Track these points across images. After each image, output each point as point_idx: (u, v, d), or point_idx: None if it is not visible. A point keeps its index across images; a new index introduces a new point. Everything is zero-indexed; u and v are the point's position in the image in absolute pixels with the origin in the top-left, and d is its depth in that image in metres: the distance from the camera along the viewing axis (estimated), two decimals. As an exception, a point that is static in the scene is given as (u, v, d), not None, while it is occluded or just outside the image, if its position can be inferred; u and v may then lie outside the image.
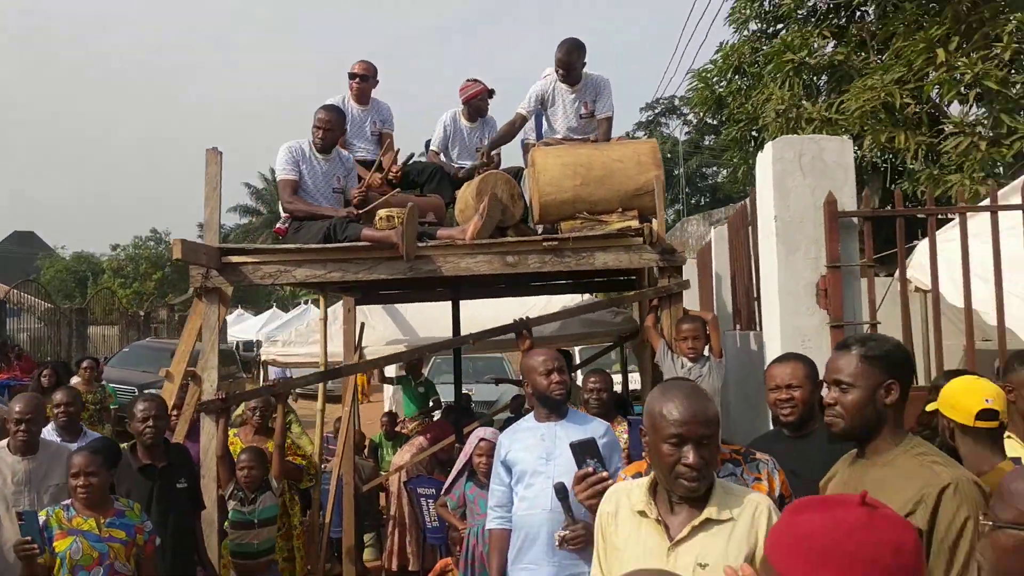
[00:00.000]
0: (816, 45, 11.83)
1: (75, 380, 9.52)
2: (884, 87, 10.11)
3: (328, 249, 5.14)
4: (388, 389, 14.47)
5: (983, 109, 8.62)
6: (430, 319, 8.58)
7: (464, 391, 13.02)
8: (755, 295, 5.67)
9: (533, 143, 6.97)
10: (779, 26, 13.81)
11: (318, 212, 5.45)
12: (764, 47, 13.86)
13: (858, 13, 12.27)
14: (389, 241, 4.97)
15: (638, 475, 3.12)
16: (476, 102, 6.78)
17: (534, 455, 3.86)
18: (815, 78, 11.99)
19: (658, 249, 5.05)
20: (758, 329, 5.44)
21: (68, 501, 4.01)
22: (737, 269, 6.49)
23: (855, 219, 4.67)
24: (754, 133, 13.22)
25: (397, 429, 11.60)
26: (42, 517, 3.85)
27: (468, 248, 5.12)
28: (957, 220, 4.92)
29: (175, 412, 5.66)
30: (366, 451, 10.24)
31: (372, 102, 6.75)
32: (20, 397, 4.74)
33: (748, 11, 13.83)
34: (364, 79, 6.66)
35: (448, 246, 5.14)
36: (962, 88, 8.43)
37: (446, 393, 13.81)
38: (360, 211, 5.40)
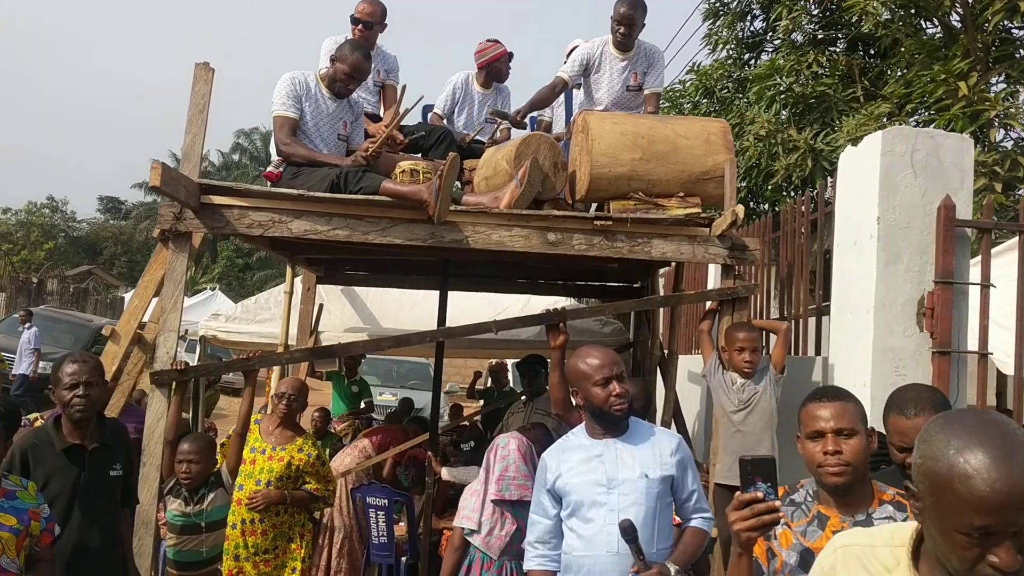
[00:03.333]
0: (807, 72, 11.45)
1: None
2: (875, 120, 9.75)
3: (339, 200, 4.22)
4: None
5: (995, 150, 8.29)
6: (393, 308, 7.64)
7: (402, 397, 12.12)
8: (817, 308, 5.01)
9: (548, 119, 6.19)
10: (749, 56, 13.48)
11: (320, 159, 4.53)
12: (735, 73, 13.51)
13: (859, 45, 11.96)
14: (418, 198, 4.09)
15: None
16: (496, 65, 5.98)
17: (591, 482, 3.05)
18: (803, 105, 11.61)
19: (727, 244, 4.32)
20: (824, 353, 4.78)
21: None
22: (782, 277, 5.81)
23: (969, 230, 4.04)
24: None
25: (329, 429, 10.64)
26: None
27: (504, 219, 4.29)
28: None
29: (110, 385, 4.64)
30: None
31: (377, 49, 5.86)
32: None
33: (724, 35, 13.45)
34: (368, 26, 5.76)
35: (480, 213, 4.30)
36: (978, 127, 8.07)
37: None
38: (369, 162, 4.50)
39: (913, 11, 9.82)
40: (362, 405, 11.34)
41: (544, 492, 3.16)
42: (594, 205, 4.73)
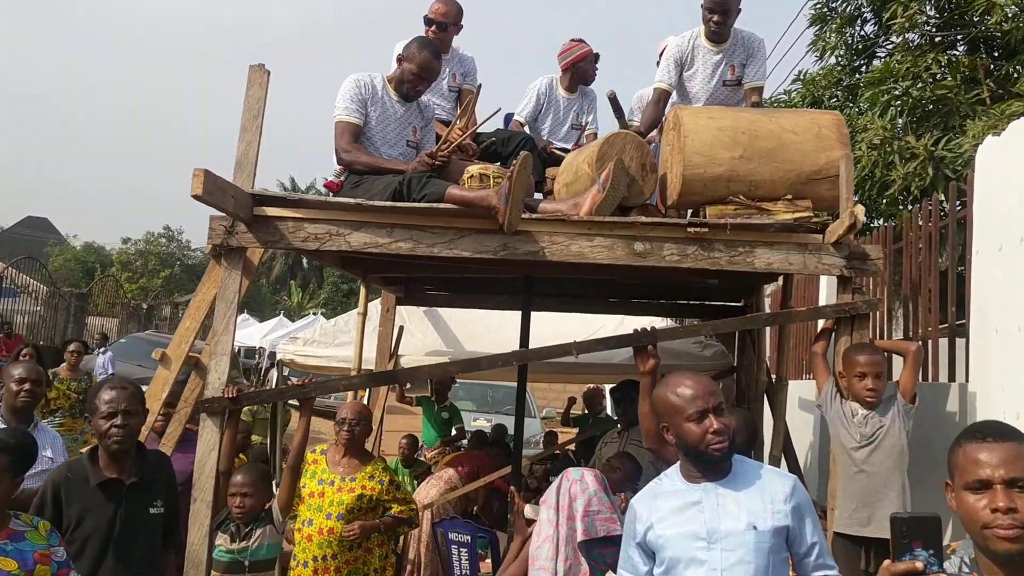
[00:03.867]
0: (925, 75, 10.58)
1: (61, 367, 8.34)
2: (1007, 120, 8.84)
3: (399, 209, 3.83)
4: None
5: None
6: (479, 330, 7.23)
7: (496, 423, 11.70)
8: (950, 327, 4.34)
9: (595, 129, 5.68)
10: (860, 62, 12.60)
11: (385, 167, 4.14)
12: (845, 80, 12.65)
13: (981, 45, 11.02)
14: (486, 204, 3.66)
15: None
16: (582, 66, 5.53)
17: (689, 535, 2.53)
18: (921, 111, 10.73)
19: (844, 252, 3.73)
20: (959, 379, 4.11)
21: None
22: (905, 294, 5.14)
23: None
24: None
25: (417, 456, 10.34)
26: None
27: (584, 227, 3.81)
28: None
29: (165, 411, 4.36)
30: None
31: (452, 52, 5.49)
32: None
33: (833, 39, 12.61)
34: (442, 27, 5.39)
35: (558, 221, 3.83)
36: None
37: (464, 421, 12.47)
38: (438, 167, 4.09)
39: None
40: (453, 432, 11.00)
41: (633, 545, 2.66)
42: (689, 212, 4.19)
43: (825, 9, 12.72)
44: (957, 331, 4.48)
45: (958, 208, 4.63)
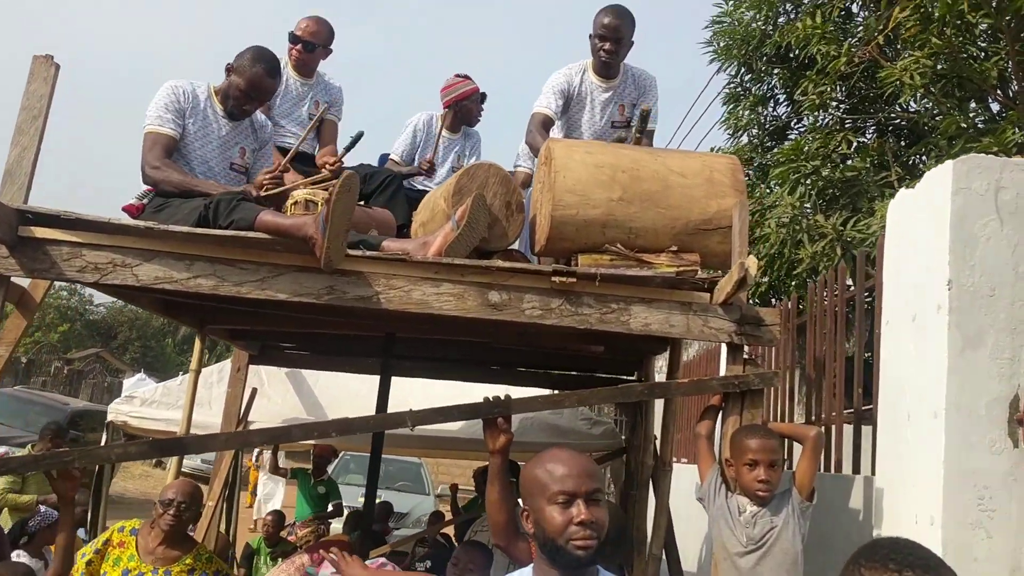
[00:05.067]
0: (834, 156, 10.42)
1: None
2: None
3: (199, 237, 3.10)
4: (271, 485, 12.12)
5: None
6: (343, 397, 6.44)
7: (383, 500, 10.85)
8: (856, 411, 3.78)
9: (528, 170, 5.10)
10: (772, 143, 12.51)
11: (200, 188, 3.42)
12: (757, 159, 12.51)
13: (889, 129, 10.99)
14: (302, 233, 2.96)
15: None
16: (466, 104, 4.97)
17: None
18: (830, 191, 10.54)
19: (735, 315, 3.13)
20: (864, 471, 3.53)
21: None
22: (808, 374, 4.60)
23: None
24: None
25: (283, 534, 9.39)
26: None
27: (429, 270, 3.14)
28: None
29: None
30: (238, 558, 8.05)
31: (318, 77, 4.85)
32: None
33: (746, 118, 12.47)
34: (309, 47, 4.76)
35: (397, 262, 3.15)
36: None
37: (349, 496, 11.48)
38: (264, 195, 3.41)
39: (956, 84, 8.81)
40: (329, 508, 10.10)
41: None
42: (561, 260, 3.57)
43: (739, 88, 12.63)
44: (864, 416, 3.93)
45: (868, 275, 4.15)
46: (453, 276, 3.14)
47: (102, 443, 6.07)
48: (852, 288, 4.26)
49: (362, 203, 4.31)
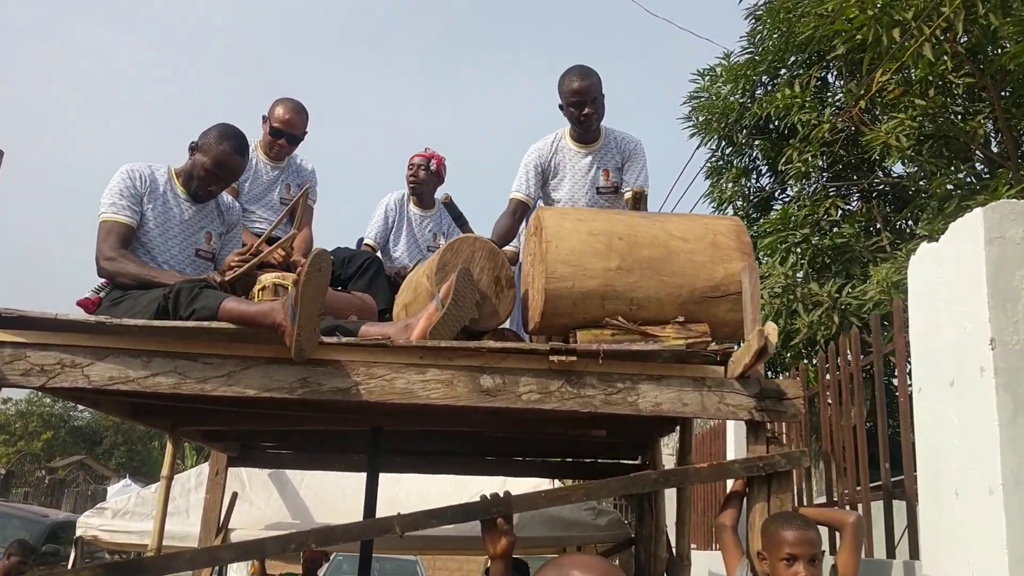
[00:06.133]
0: (823, 223, 10.28)
1: None
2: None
3: (158, 329, 2.80)
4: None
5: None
6: (331, 498, 6.05)
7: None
8: (887, 485, 3.45)
9: (516, 249, 4.86)
10: (758, 215, 12.41)
11: (157, 279, 3.13)
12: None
13: (873, 195, 10.90)
14: (269, 321, 2.66)
15: None
16: (419, 176, 4.76)
17: None
18: (821, 259, 10.36)
19: (754, 389, 2.83)
20: (901, 555, 3.18)
21: None
22: (824, 449, 4.26)
23: None
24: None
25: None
26: None
27: (412, 355, 2.84)
28: None
29: None
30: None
31: (289, 159, 4.61)
32: None
33: (729, 191, 12.37)
34: (293, 140, 4.51)
35: (378, 348, 2.85)
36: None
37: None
38: (229, 279, 3.12)
39: (943, 143, 8.72)
40: (321, 616, 9.52)
41: None
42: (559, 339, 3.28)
43: (720, 162, 12.58)
44: (894, 492, 3.60)
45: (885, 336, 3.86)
46: (440, 360, 2.83)
47: (70, 561, 5.62)
48: (869, 352, 3.97)
49: (340, 288, 4.05)
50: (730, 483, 3.21)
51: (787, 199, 11.87)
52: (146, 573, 2.65)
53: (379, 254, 4.82)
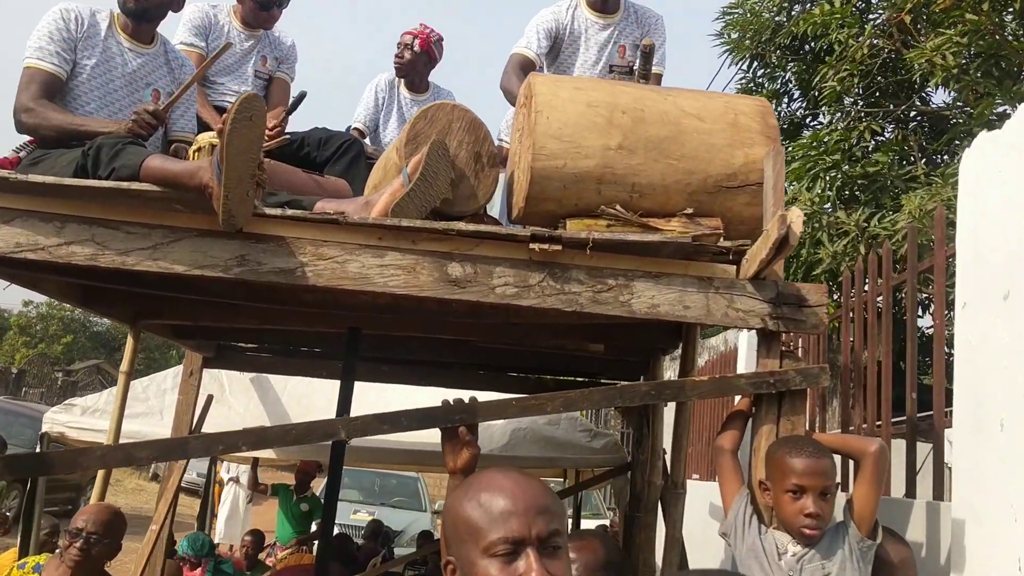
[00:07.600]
0: (855, 150, 9.71)
1: None
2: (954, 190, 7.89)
3: (72, 189, 2.39)
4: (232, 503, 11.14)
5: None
6: (317, 404, 5.72)
7: (374, 517, 10.16)
8: (912, 419, 3.04)
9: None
10: (787, 143, 11.85)
11: (85, 127, 2.72)
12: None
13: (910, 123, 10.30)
14: (196, 182, 2.24)
15: None
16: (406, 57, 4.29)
17: None
18: (850, 189, 9.84)
19: (770, 293, 2.40)
20: (922, 495, 2.78)
21: None
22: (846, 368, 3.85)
23: None
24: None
25: (262, 556, 8.69)
26: None
27: (370, 235, 2.42)
28: None
29: None
30: (213, 582, 7.33)
31: (265, 31, 4.14)
32: None
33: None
34: (266, 6, 4.04)
35: (328, 224, 2.43)
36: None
37: (339, 514, 10.75)
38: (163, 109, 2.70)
39: (994, 64, 8.08)
40: (313, 527, 9.40)
41: None
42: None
43: (752, 84, 11.99)
44: (921, 427, 3.19)
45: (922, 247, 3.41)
46: (401, 243, 2.41)
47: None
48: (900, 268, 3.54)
49: (319, 173, 3.63)
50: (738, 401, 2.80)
51: (819, 126, 11.31)
52: (53, 468, 2.29)
53: (368, 140, 4.40)
